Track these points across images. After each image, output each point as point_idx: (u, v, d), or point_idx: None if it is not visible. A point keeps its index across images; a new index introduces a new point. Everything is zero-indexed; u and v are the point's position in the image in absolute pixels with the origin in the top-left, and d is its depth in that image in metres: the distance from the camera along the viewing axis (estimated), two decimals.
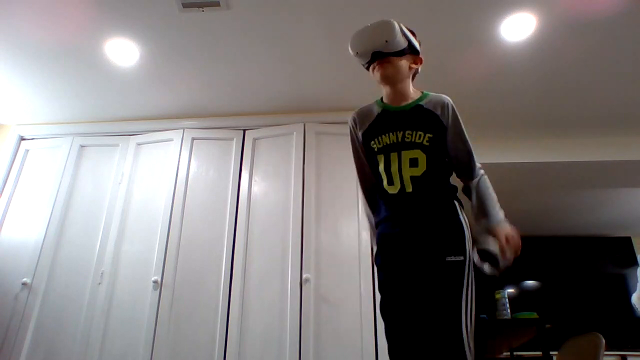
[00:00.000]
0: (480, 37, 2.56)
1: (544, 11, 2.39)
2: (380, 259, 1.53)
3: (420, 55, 1.58)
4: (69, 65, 2.82)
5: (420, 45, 1.57)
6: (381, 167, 1.51)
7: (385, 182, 1.51)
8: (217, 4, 2.36)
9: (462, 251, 1.40)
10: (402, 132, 1.49)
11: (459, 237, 1.43)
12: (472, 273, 1.40)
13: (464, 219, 1.47)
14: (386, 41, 1.45)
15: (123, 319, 2.68)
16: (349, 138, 1.65)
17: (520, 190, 4.25)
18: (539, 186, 3.93)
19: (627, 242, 5.14)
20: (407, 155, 1.47)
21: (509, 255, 1.37)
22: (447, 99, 1.53)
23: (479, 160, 1.57)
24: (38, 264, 2.86)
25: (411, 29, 1.56)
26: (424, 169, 1.46)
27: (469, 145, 1.53)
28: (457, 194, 1.53)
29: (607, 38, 2.55)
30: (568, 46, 2.61)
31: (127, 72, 2.87)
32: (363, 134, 1.58)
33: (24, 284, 2.81)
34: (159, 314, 2.65)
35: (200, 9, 2.39)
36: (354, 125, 1.62)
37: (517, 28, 2.49)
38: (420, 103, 1.53)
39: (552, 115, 3.22)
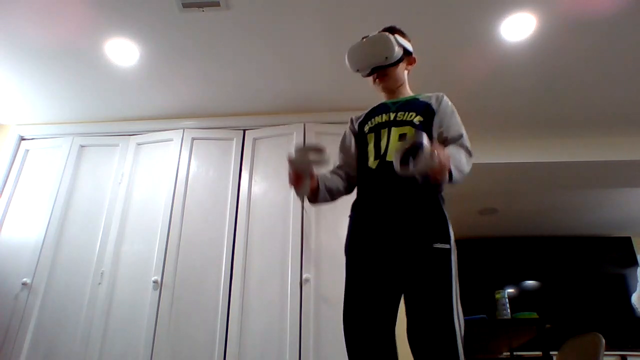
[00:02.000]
0: (480, 37, 2.56)
1: (544, 11, 2.39)
2: (355, 241, 1.47)
3: (413, 55, 1.65)
4: (69, 65, 2.82)
5: (410, 43, 1.65)
6: (370, 146, 1.53)
7: (371, 160, 1.50)
8: (217, 4, 2.36)
9: (448, 239, 1.37)
10: (394, 113, 1.54)
11: (443, 224, 1.39)
12: (456, 266, 1.36)
13: (447, 211, 1.43)
14: (386, 57, 1.53)
15: (123, 319, 2.68)
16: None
17: (520, 190, 4.25)
18: (539, 186, 3.93)
19: (627, 242, 5.13)
20: (397, 131, 1.49)
21: (431, 160, 1.19)
22: (443, 94, 1.58)
23: (475, 154, 1.50)
24: (38, 264, 2.86)
25: (402, 30, 1.62)
26: None
27: (461, 127, 1.50)
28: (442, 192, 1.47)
29: (607, 38, 2.55)
30: (568, 46, 2.61)
31: (127, 72, 2.87)
32: (359, 123, 1.64)
33: (24, 284, 2.81)
34: (159, 314, 2.65)
35: (200, 9, 2.39)
36: (352, 120, 1.70)
37: (517, 28, 2.49)
38: (416, 96, 1.60)
39: (552, 115, 3.22)
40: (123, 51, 2.70)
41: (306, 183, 1.44)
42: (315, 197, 1.51)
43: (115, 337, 2.64)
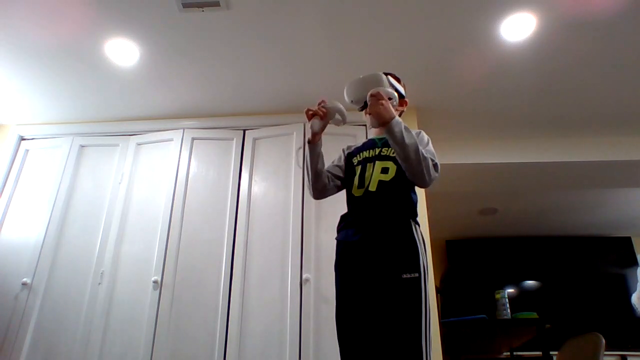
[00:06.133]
0: (480, 37, 2.56)
1: (544, 11, 2.39)
2: (338, 267, 1.64)
3: (406, 99, 1.82)
4: (69, 65, 2.82)
5: (405, 89, 1.82)
6: (356, 176, 1.71)
7: (355, 187, 1.69)
8: (217, 4, 2.36)
9: (417, 268, 1.49)
10: (379, 149, 1.73)
11: (413, 253, 1.52)
12: (428, 289, 1.48)
13: (418, 235, 1.57)
14: None
15: (123, 319, 2.68)
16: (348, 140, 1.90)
17: (520, 190, 4.25)
18: (539, 186, 3.93)
19: (627, 242, 5.13)
20: (380, 164, 1.68)
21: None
22: (421, 130, 1.76)
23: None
24: (38, 264, 2.86)
25: (397, 76, 1.80)
26: (393, 176, 1.63)
27: (434, 154, 1.62)
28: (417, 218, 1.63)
29: (607, 38, 2.55)
30: (568, 46, 2.61)
31: (127, 72, 2.87)
32: (348, 154, 1.85)
33: (24, 284, 2.81)
34: (159, 314, 2.65)
35: (200, 9, 2.39)
36: (344, 149, 1.91)
37: (517, 28, 2.49)
38: None
39: (551, 116, 3.22)
40: (123, 51, 2.70)
41: (323, 123, 1.69)
42: (316, 145, 1.71)
43: (115, 337, 2.64)
